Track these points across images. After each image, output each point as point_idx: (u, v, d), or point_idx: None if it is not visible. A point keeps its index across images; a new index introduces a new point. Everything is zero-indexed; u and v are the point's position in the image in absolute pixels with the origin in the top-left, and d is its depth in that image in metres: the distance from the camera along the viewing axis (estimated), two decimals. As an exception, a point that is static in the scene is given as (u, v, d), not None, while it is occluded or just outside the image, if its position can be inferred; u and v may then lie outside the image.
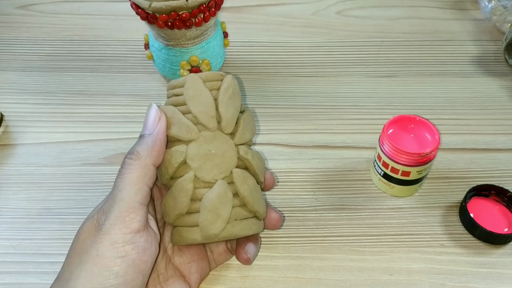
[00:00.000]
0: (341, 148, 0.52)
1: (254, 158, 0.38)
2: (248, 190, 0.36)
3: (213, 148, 0.36)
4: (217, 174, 0.36)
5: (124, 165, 0.35)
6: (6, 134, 0.54)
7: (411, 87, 0.58)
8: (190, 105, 0.37)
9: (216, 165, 0.36)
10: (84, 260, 0.32)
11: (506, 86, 0.59)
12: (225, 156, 0.37)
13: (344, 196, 0.48)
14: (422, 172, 0.45)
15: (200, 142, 0.36)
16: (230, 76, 0.38)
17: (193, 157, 0.36)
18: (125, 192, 0.34)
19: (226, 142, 0.37)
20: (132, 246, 0.33)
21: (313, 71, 0.60)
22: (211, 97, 0.37)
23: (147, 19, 0.50)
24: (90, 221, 0.34)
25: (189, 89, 0.37)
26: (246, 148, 0.38)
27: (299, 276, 0.43)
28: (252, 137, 0.39)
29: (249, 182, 0.37)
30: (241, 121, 0.38)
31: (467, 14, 0.68)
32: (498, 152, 0.52)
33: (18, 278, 0.43)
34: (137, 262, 0.33)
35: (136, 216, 0.33)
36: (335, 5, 0.69)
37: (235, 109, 0.38)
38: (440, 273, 0.43)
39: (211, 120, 0.37)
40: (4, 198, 0.49)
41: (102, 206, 0.34)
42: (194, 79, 0.37)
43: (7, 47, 0.64)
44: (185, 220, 0.36)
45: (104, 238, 0.32)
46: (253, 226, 0.37)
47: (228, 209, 0.35)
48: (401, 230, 0.46)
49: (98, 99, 0.57)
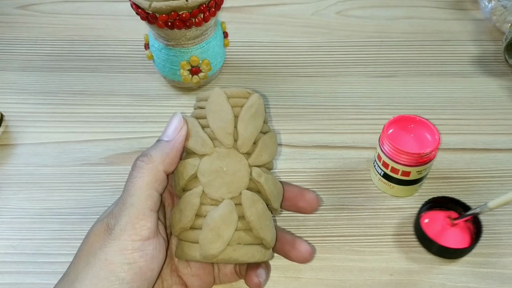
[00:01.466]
0: (341, 148, 0.52)
1: (268, 182, 0.36)
2: (255, 215, 0.35)
3: (225, 165, 0.35)
4: (226, 193, 0.35)
5: (135, 168, 0.34)
6: (6, 134, 0.54)
7: (411, 87, 0.58)
8: (210, 120, 0.36)
9: (226, 183, 0.35)
10: (91, 263, 0.32)
11: (506, 86, 0.59)
12: (237, 176, 0.35)
13: (344, 196, 0.48)
14: (422, 172, 0.45)
15: (213, 157, 0.35)
16: (257, 95, 0.37)
17: (204, 172, 0.35)
18: (135, 198, 0.33)
19: (240, 161, 0.36)
20: (140, 253, 0.33)
21: (313, 71, 0.60)
22: (232, 114, 0.36)
23: (147, 19, 0.50)
24: (100, 224, 0.34)
25: (211, 103, 0.36)
26: (260, 170, 0.36)
27: (299, 276, 0.43)
28: (270, 160, 0.37)
29: (258, 206, 0.35)
30: (259, 142, 0.36)
31: (467, 14, 0.68)
32: (498, 152, 0.52)
33: (18, 278, 0.43)
34: (144, 270, 0.33)
35: (146, 223, 0.33)
36: (335, 5, 0.69)
37: (255, 129, 0.36)
38: (440, 273, 0.43)
39: (228, 137, 0.36)
40: (4, 198, 0.49)
41: (112, 209, 0.34)
42: (218, 93, 0.36)
43: (7, 47, 0.64)
44: (188, 235, 0.35)
45: (114, 243, 0.32)
46: (257, 253, 0.35)
47: (230, 231, 0.34)
48: (401, 230, 0.46)
49: (98, 99, 0.57)
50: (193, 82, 0.55)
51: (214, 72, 0.57)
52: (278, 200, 0.38)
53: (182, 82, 0.56)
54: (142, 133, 0.54)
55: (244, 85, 0.59)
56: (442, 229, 0.44)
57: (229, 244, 0.34)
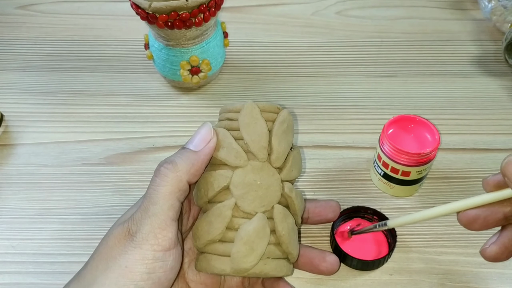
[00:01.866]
0: (341, 148, 0.52)
1: (298, 197, 0.37)
2: (286, 229, 0.35)
3: (259, 179, 0.35)
4: (259, 206, 0.35)
5: (159, 175, 0.34)
6: (6, 134, 0.54)
7: (411, 87, 0.58)
8: (244, 132, 0.36)
9: (259, 197, 0.35)
10: (111, 268, 0.32)
11: (506, 86, 0.59)
12: (270, 190, 0.35)
13: (344, 196, 0.48)
14: (422, 172, 0.45)
15: (247, 170, 0.35)
16: (287, 111, 0.38)
17: (238, 184, 0.35)
18: (158, 207, 0.33)
19: (273, 175, 0.36)
20: (161, 264, 0.32)
21: (313, 71, 0.60)
22: (266, 128, 0.36)
23: (147, 19, 0.50)
24: (120, 227, 0.33)
25: (245, 116, 0.36)
26: (291, 185, 0.37)
27: (299, 276, 0.43)
28: (298, 175, 0.38)
29: (289, 221, 0.36)
30: (290, 157, 0.37)
31: (467, 14, 0.68)
32: (498, 152, 0.52)
33: (18, 278, 0.43)
34: (163, 280, 0.33)
35: (168, 233, 0.33)
36: (335, 5, 0.69)
37: (287, 144, 0.37)
38: (440, 273, 0.43)
39: (262, 151, 0.36)
40: (4, 198, 0.49)
41: (133, 214, 0.34)
42: (252, 106, 0.36)
43: (7, 47, 0.64)
44: (216, 247, 0.35)
45: (135, 252, 0.32)
46: (284, 268, 0.36)
47: (264, 245, 0.34)
48: (401, 230, 0.46)
49: (98, 99, 0.57)
50: (193, 82, 0.55)
51: (214, 72, 0.57)
52: (302, 214, 0.39)
53: (182, 82, 0.56)
54: (142, 133, 0.54)
55: (244, 85, 0.59)
56: (354, 242, 0.44)
57: (261, 258, 0.34)
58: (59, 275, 0.43)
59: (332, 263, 0.39)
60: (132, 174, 0.50)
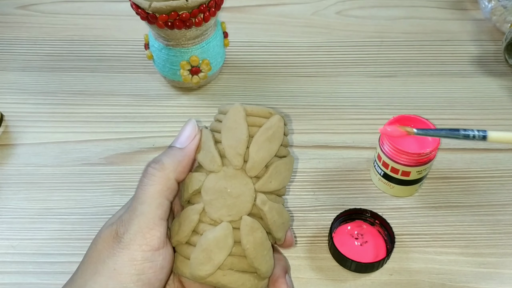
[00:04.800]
0: (341, 148, 0.52)
1: (272, 211, 0.34)
2: (251, 243, 0.33)
3: (230, 187, 0.34)
4: (225, 215, 0.33)
5: (147, 175, 0.34)
6: (6, 134, 0.54)
7: (411, 87, 0.58)
8: (223, 136, 0.35)
9: (227, 205, 0.33)
10: (99, 271, 0.31)
11: (506, 86, 0.59)
12: (240, 199, 0.33)
13: (344, 196, 0.48)
14: (422, 172, 0.45)
15: (219, 176, 0.34)
16: (278, 117, 0.35)
17: (208, 190, 0.34)
18: (146, 206, 0.33)
19: (246, 185, 0.34)
20: (150, 264, 0.32)
21: (313, 71, 0.60)
22: (246, 134, 0.34)
23: (147, 19, 0.50)
24: (108, 230, 0.33)
25: (228, 119, 0.35)
26: (265, 198, 0.34)
27: (299, 276, 0.43)
28: (279, 187, 0.35)
29: (257, 235, 0.33)
30: (271, 167, 0.34)
31: (467, 14, 0.68)
32: (498, 152, 0.52)
33: (18, 278, 0.43)
34: (153, 280, 0.32)
35: (156, 233, 0.32)
36: (335, 5, 0.69)
37: (268, 153, 0.34)
38: (440, 273, 0.43)
39: (237, 158, 0.34)
40: (4, 198, 0.49)
41: (121, 215, 0.33)
42: (237, 110, 0.35)
43: (7, 47, 0.64)
44: (183, 249, 0.34)
45: (123, 253, 0.32)
46: (248, 282, 0.34)
47: (222, 256, 0.33)
48: (401, 230, 0.46)
49: (98, 99, 0.57)
50: (193, 82, 0.55)
51: (214, 72, 0.57)
52: (283, 230, 0.36)
53: (182, 82, 0.56)
54: (142, 133, 0.54)
55: (244, 85, 0.59)
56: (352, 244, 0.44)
57: (220, 268, 0.33)
58: (59, 275, 0.43)
59: None
60: (132, 174, 0.50)
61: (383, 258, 0.42)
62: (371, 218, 0.45)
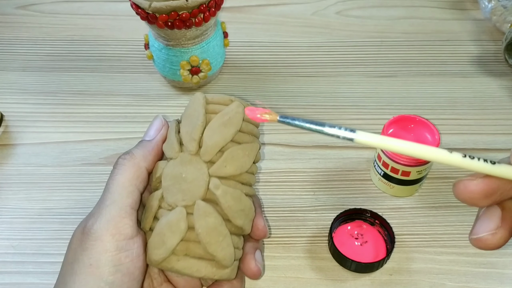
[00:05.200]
0: (341, 148, 0.52)
1: (226, 196, 0.33)
2: (204, 228, 0.33)
3: (185, 172, 0.34)
4: (180, 200, 0.33)
5: (117, 165, 0.34)
6: (6, 134, 0.54)
7: (411, 87, 0.58)
8: (182, 124, 0.36)
9: (182, 190, 0.33)
10: (76, 270, 0.31)
11: (506, 86, 0.59)
12: (193, 184, 0.33)
13: (344, 196, 0.48)
14: (422, 172, 0.45)
15: (176, 163, 0.34)
16: (237, 103, 0.35)
17: (166, 176, 0.34)
18: (116, 195, 0.33)
19: (200, 169, 0.34)
20: (126, 253, 0.32)
21: (313, 71, 0.60)
22: (201, 120, 0.34)
23: (147, 19, 0.50)
24: (80, 227, 0.33)
25: (188, 108, 0.36)
26: (218, 182, 0.33)
27: (299, 276, 0.43)
28: (236, 172, 0.34)
29: (209, 220, 0.33)
30: (226, 152, 0.34)
31: (467, 14, 0.68)
32: (498, 152, 0.52)
33: (18, 278, 0.43)
34: (132, 269, 0.32)
35: (129, 221, 0.32)
36: (335, 5, 0.69)
37: (222, 138, 0.34)
38: (440, 273, 0.43)
39: (192, 143, 0.34)
40: (4, 198, 0.49)
41: (91, 211, 0.34)
42: (197, 98, 0.35)
43: (7, 47, 0.64)
44: (148, 236, 0.35)
45: (96, 245, 0.31)
46: (203, 269, 0.33)
47: (174, 240, 0.33)
48: (401, 230, 0.46)
49: (98, 99, 0.57)
50: (193, 82, 0.55)
51: (214, 72, 0.57)
52: (242, 217, 0.35)
53: (182, 82, 0.56)
54: (142, 133, 0.53)
55: (244, 85, 0.59)
56: (352, 244, 0.44)
57: (174, 253, 0.33)
58: (59, 275, 0.43)
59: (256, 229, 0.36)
60: (132, 174, 0.50)
61: (383, 258, 0.42)
62: (371, 218, 0.45)
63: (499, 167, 0.25)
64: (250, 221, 0.36)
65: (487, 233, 0.27)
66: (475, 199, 0.26)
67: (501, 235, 0.26)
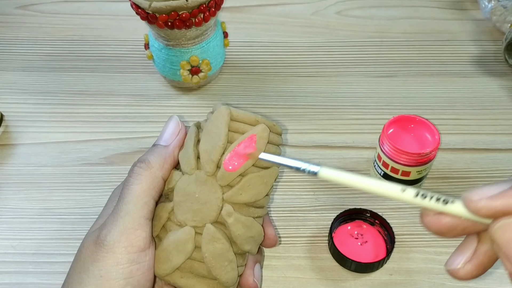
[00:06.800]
0: (341, 148, 0.52)
1: (238, 224, 0.33)
2: (210, 252, 0.32)
3: (199, 192, 0.33)
4: (190, 219, 0.33)
5: (133, 174, 0.33)
6: (6, 134, 0.54)
7: (411, 87, 0.58)
8: (202, 139, 0.34)
9: (193, 210, 0.33)
10: (85, 281, 0.30)
11: (506, 86, 0.59)
12: (206, 207, 0.33)
13: (344, 196, 0.48)
14: (422, 172, 0.45)
15: (191, 180, 0.33)
16: (263, 126, 0.33)
17: (179, 191, 0.33)
18: (131, 206, 0.32)
19: (214, 193, 0.33)
20: (137, 266, 0.31)
21: (313, 71, 0.60)
22: (223, 141, 0.33)
23: (147, 19, 0.50)
24: (91, 236, 0.32)
25: (210, 122, 0.34)
26: (231, 209, 0.33)
27: (299, 276, 0.43)
28: (250, 200, 0.33)
29: (217, 245, 0.33)
30: (243, 179, 0.33)
31: (467, 14, 0.68)
32: (498, 152, 0.52)
33: (18, 278, 0.43)
34: (142, 282, 0.31)
35: (142, 233, 0.31)
36: (335, 5, 0.69)
37: (243, 167, 0.33)
38: (440, 273, 0.43)
39: (210, 164, 0.33)
40: (4, 198, 0.49)
41: (104, 218, 0.33)
42: (222, 113, 0.33)
43: (7, 47, 0.64)
44: (157, 243, 0.34)
45: (107, 257, 0.30)
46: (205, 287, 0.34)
47: (179, 259, 0.33)
48: (401, 230, 0.46)
49: (98, 99, 0.57)
50: (193, 82, 0.55)
51: (214, 72, 0.57)
52: (250, 243, 0.34)
53: (182, 82, 0.56)
54: (142, 133, 0.54)
55: (244, 85, 0.59)
56: (352, 244, 0.44)
57: (179, 269, 0.33)
58: (59, 275, 0.43)
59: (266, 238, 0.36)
60: (132, 174, 0.50)
61: (383, 258, 0.42)
62: (371, 218, 0.45)
63: (451, 206, 0.26)
64: (258, 244, 0.36)
65: (456, 266, 0.28)
66: (435, 232, 0.27)
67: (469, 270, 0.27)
